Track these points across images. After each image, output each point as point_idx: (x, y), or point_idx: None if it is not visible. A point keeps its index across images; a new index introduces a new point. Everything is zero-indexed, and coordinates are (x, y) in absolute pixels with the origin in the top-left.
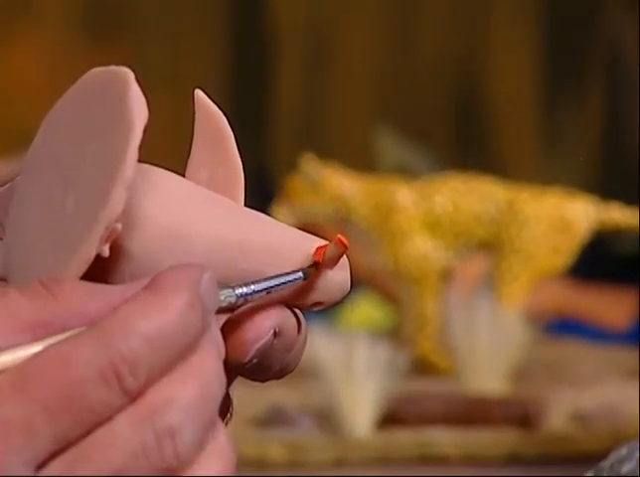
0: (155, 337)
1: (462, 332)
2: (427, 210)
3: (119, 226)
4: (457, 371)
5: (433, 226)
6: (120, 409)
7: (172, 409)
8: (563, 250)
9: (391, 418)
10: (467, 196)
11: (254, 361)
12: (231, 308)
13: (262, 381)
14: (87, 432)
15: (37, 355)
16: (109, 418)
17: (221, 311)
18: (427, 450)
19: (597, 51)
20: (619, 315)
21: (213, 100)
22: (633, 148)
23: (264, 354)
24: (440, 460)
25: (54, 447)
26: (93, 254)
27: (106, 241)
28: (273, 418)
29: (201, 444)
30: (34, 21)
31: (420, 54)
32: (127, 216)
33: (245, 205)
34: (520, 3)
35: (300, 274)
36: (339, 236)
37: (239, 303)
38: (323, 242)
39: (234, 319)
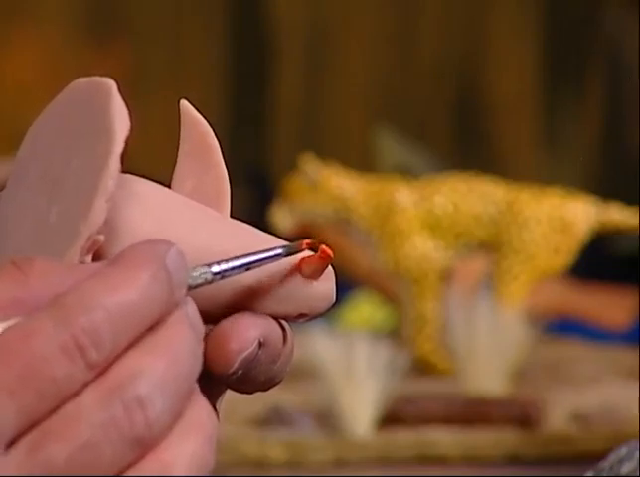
0: (117, 309)
1: (462, 332)
2: (427, 210)
3: (102, 237)
4: (457, 371)
5: (433, 226)
6: (87, 384)
7: (140, 380)
8: (563, 251)
9: (391, 418)
10: (467, 196)
11: (240, 372)
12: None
13: (248, 392)
14: (54, 408)
15: None
16: (76, 393)
17: (196, 288)
18: (427, 450)
19: (597, 51)
20: (619, 315)
21: (198, 110)
22: (633, 148)
23: (250, 365)
24: (440, 460)
25: (19, 424)
26: None
27: (89, 252)
28: (273, 418)
29: (175, 416)
30: (34, 21)
31: (420, 54)
32: (110, 226)
33: (246, 205)
34: (520, 3)
35: (280, 251)
36: (323, 246)
37: (215, 280)
38: (308, 253)
39: (218, 330)
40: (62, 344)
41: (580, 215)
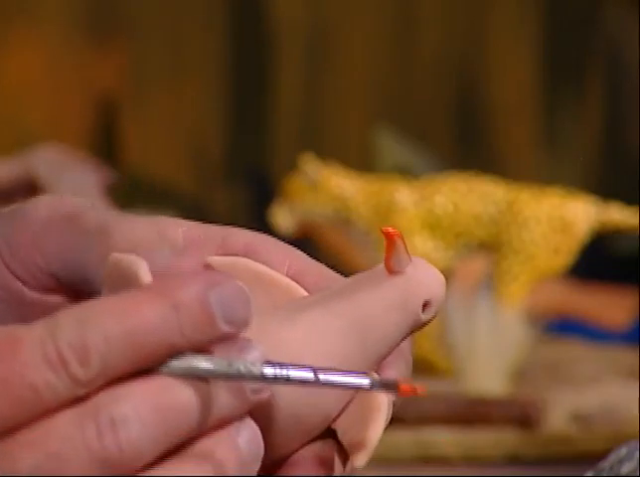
0: (116, 335)
1: (462, 332)
2: (427, 210)
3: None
4: (457, 371)
5: (433, 226)
6: (69, 399)
7: (118, 404)
8: (564, 251)
9: (390, 418)
10: (467, 196)
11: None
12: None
13: None
14: (32, 418)
15: None
16: (57, 408)
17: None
18: (427, 450)
19: (597, 51)
20: (619, 315)
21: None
22: (633, 148)
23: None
24: (440, 460)
25: None
26: None
27: None
28: None
29: (161, 448)
30: (33, 20)
31: (420, 54)
32: None
33: (246, 205)
34: (520, 3)
35: (368, 382)
36: (383, 230)
37: (268, 382)
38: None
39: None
40: (46, 354)
41: (580, 215)
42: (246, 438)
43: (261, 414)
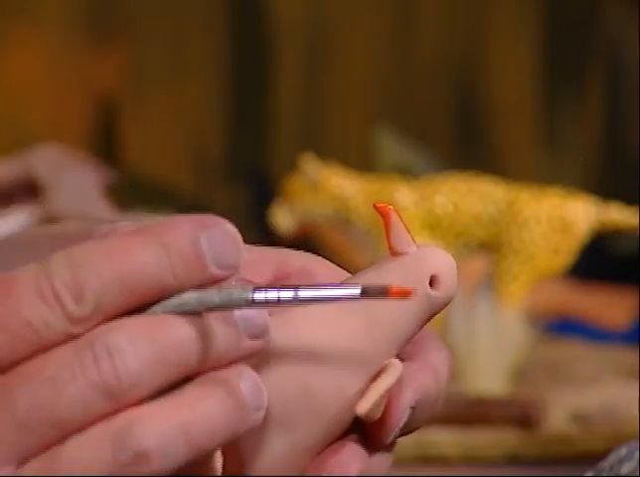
0: (109, 276)
1: (462, 332)
2: (427, 210)
3: None
4: (457, 371)
5: (433, 226)
6: (65, 337)
7: (113, 335)
8: (564, 251)
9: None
10: (467, 196)
11: (396, 437)
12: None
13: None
14: (30, 355)
15: None
16: (52, 343)
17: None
18: (427, 450)
19: (597, 51)
20: (619, 315)
21: None
22: (633, 148)
23: (404, 426)
24: (440, 460)
25: None
26: None
27: None
28: None
29: (157, 384)
30: (33, 20)
31: (420, 54)
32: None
33: (246, 205)
34: (520, 3)
35: (357, 291)
36: (375, 207)
37: (257, 306)
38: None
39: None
40: (41, 291)
41: (580, 215)
42: (248, 384)
43: (269, 383)
